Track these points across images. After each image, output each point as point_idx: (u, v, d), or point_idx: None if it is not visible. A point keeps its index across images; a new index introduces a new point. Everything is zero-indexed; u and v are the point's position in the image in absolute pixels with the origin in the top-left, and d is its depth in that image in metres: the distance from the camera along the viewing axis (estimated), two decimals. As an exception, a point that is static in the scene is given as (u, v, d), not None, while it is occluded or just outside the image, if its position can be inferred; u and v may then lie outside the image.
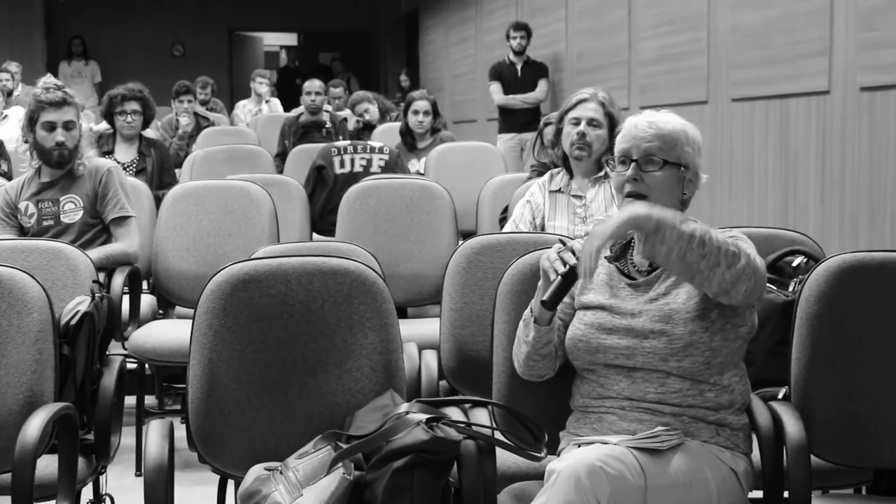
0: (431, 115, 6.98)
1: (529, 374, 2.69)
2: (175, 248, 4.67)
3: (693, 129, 2.64)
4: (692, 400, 2.50)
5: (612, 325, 2.56)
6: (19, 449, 2.56)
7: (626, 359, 2.54)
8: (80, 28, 15.75)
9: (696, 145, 2.63)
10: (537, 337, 2.61)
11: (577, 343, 2.60)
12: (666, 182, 2.57)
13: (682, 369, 2.49)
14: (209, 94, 10.61)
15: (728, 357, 2.52)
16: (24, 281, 2.87)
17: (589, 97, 3.93)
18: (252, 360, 2.72)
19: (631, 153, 2.59)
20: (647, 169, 2.57)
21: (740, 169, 6.28)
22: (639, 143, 2.58)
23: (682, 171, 2.59)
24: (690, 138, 2.61)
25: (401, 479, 2.39)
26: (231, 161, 6.58)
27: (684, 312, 2.51)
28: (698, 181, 2.64)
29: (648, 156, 2.57)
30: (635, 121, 2.63)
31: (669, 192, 2.58)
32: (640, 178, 2.57)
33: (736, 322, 2.52)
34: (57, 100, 4.33)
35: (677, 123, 2.62)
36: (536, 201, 3.95)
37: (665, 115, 2.64)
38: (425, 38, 14.24)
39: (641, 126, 2.60)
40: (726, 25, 6.46)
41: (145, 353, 4.25)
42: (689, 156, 2.60)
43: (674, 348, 2.49)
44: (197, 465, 2.78)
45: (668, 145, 2.58)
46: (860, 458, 2.72)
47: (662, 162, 2.57)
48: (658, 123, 2.60)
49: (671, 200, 2.58)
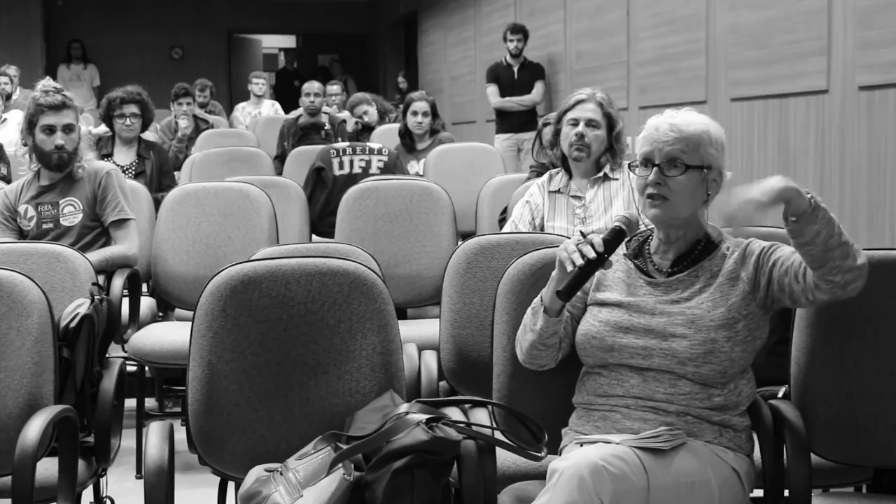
0: (430, 117, 6.97)
1: (531, 363, 2.67)
2: (174, 251, 4.67)
3: (716, 128, 2.60)
4: (699, 403, 2.49)
5: (630, 325, 2.55)
6: (19, 452, 2.56)
7: (641, 359, 2.52)
8: (79, 31, 15.76)
9: (720, 144, 2.58)
10: (545, 327, 2.59)
11: (590, 340, 2.58)
12: (689, 185, 2.54)
13: (699, 375, 2.48)
14: (208, 96, 10.61)
15: (742, 366, 2.53)
16: (23, 284, 2.87)
17: (587, 98, 3.92)
18: (252, 361, 2.71)
19: (653, 157, 2.55)
20: (669, 173, 2.53)
21: (739, 168, 6.28)
22: (661, 146, 2.54)
23: (705, 172, 2.56)
24: (713, 138, 2.57)
25: (401, 479, 2.38)
26: (230, 163, 6.59)
27: (708, 320, 2.49)
28: (722, 180, 2.60)
29: (671, 160, 2.54)
30: (657, 122, 2.58)
31: (693, 194, 2.55)
32: (662, 182, 2.53)
33: (757, 334, 2.53)
34: (56, 103, 4.33)
35: (699, 124, 2.57)
36: (536, 202, 3.95)
37: (687, 116, 2.59)
38: (424, 40, 14.24)
39: (663, 129, 2.55)
40: (724, 25, 6.46)
41: (145, 356, 4.25)
42: (712, 157, 2.56)
43: (694, 353, 2.47)
44: (197, 466, 2.78)
45: (691, 148, 2.53)
46: (860, 456, 2.71)
47: (685, 166, 2.53)
48: (680, 126, 2.55)
49: (694, 202, 2.56)
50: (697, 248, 2.60)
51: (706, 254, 2.59)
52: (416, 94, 7.21)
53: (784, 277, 2.45)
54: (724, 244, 2.60)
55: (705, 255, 2.59)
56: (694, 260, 2.58)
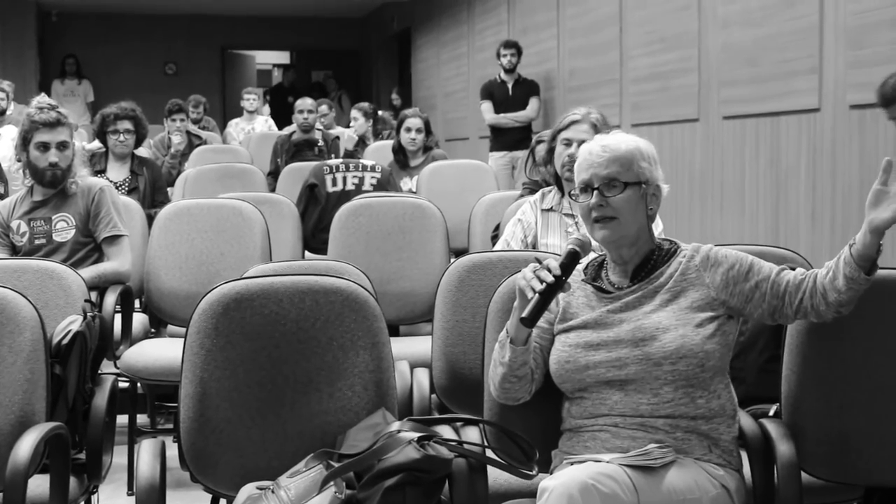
0: (424, 133, 6.99)
1: (505, 398, 2.70)
2: (167, 267, 4.67)
3: (646, 144, 2.70)
4: (684, 408, 2.51)
5: (600, 341, 2.58)
6: (10, 469, 2.56)
7: (617, 370, 2.54)
8: (73, 46, 15.77)
9: (652, 159, 2.69)
10: (513, 357, 2.62)
11: (563, 365, 2.61)
12: (630, 202, 2.62)
13: (677, 373, 2.50)
14: (201, 112, 10.62)
15: (719, 362, 2.55)
16: (16, 300, 2.87)
17: (581, 118, 3.93)
18: (244, 379, 2.72)
19: (592, 182, 2.65)
20: (609, 193, 2.62)
21: (731, 186, 6.31)
22: (597, 170, 2.64)
23: (643, 187, 2.64)
24: (644, 153, 2.67)
25: (392, 497, 2.39)
26: (223, 179, 6.58)
27: (675, 319, 2.54)
28: (661, 193, 2.70)
29: (609, 181, 2.63)
30: (589, 147, 2.69)
31: (635, 209, 2.63)
32: (605, 203, 2.62)
33: (726, 329, 2.57)
34: (51, 120, 4.34)
35: (630, 142, 2.67)
36: (528, 220, 3.96)
37: (616, 137, 2.70)
38: (417, 56, 14.28)
39: (596, 152, 2.65)
40: (717, 44, 6.49)
41: (137, 372, 4.24)
42: (646, 171, 2.66)
43: (667, 350, 2.51)
44: (189, 484, 2.78)
45: (625, 166, 2.63)
46: (851, 475, 2.72)
47: (623, 185, 2.62)
48: (611, 146, 2.65)
49: (638, 217, 2.64)
50: (653, 259, 2.66)
51: (663, 262, 2.65)
52: (409, 110, 7.24)
53: (801, 296, 2.54)
54: (682, 251, 2.66)
55: (662, 263, 2.65)
56: (651, 269, 2.64)
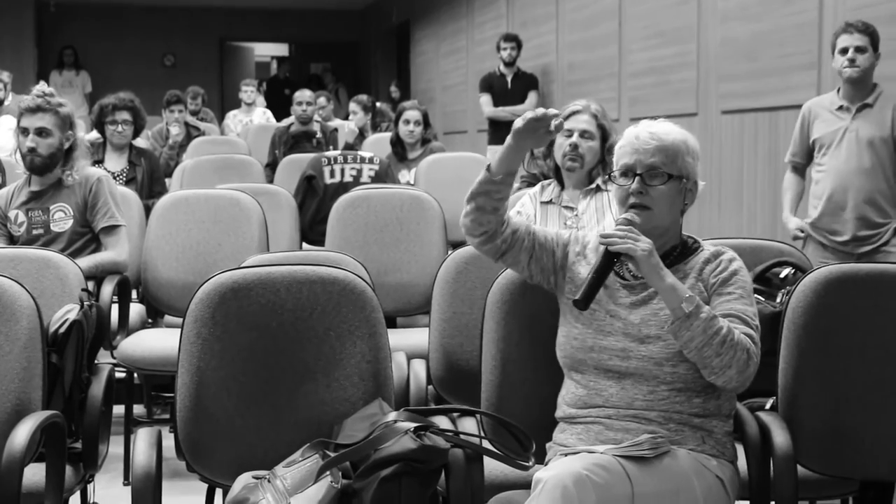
0: (422, 126, 6.99)
1: (471, 223, 2.63)
2: (164, 257, 4.67)
3: (692, 139, 2.66)
4: (679, 406, 2.51)
5: (611, 328, 2.57)
6: (6, 457, 2.56)
7: (620, 361, 2.54)
8: (71, 38, 15.75)
9: (696, 154, 2.65)
10: (482, 181, 2.57)
11: (570, 341, 2.61)
12: (669, 194, 2.59)
13: (676, 375, 2.50)
14: (200, 103, 10.60)
15: None
16: (12, 289, 2.87)
17: (581, 109, 3.93)
18: (240, 368, 2.72)
19: (635, 167, 2.60)
20: (651, 183, 2.58)
21: (729, 181, 6.30)
22: (642, 156, 2.59)
23: (683, 182, 2.61)
24: (691, 148, 2.63)
25: (388, 487, 2.39)
26: (221, 171, 6.58)
27: None
28: (697, 189, 2.66)
29: (652, 169, 2.58)
30: (636, 132, 2.63)
31: (672, 203, 2.60)
32: (645, 191, 2.58)
33: None
34: (32, 106, 4.27)
35: (678, 134, 2.63)
36: (527, 212, 3.95)
37: (665, 126, 2.64)
38: (416, 49, 14.26)
39: (643, 138, 2.60)
40: (716, 38, 6.49)
41: (134, 362, 4.24)
42: (690, 166, 2.62)
43: (669, 353, 2.50)
44: (185, 473, 2.78)
45: (671, 158, 2.59)
46: (847, 468, 2.73)
47: (667, 176, 2.58)
48: (659, 134, 2.60)
49: (673, 211, 2.61)
50: (673, 254, 2.64)
51: (682, 258, 2.63)
52: (408, 102, 7.24)
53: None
54: (704, 250, 2.63)
55: (681, 259, 2.63)
56: (669, 264, 2.60)
